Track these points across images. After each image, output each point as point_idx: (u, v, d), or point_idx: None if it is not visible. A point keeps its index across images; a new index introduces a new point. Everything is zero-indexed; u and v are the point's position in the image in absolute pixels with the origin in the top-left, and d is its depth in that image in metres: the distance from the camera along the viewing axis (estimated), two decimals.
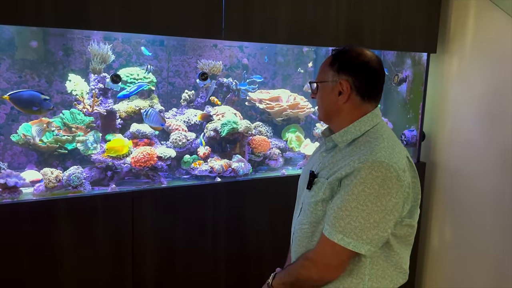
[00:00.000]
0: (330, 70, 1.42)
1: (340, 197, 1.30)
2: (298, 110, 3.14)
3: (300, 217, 1.49)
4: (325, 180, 1.37)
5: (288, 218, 2.90)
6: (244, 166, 2.78)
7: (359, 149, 1.35)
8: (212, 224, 2.58)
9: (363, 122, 1.40)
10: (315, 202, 1.39)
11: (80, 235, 2.23)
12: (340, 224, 1.29)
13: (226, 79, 3.10)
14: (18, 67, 2.73)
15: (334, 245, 1.30)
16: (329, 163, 1.42)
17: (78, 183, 2.35)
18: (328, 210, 1.34)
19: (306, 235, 1.44)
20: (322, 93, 1.46)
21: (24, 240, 2.11)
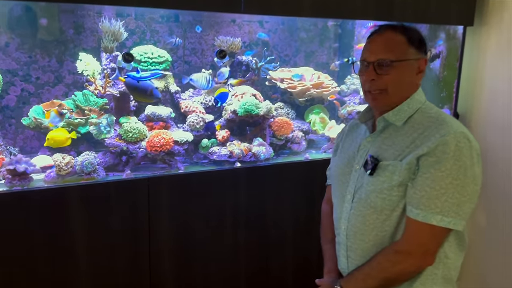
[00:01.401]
0: (410, 48, 1.35)
1: (430, 176, 1.23)
2: (323, 89, 2.94)
3: (358, 209, 1.39)
4: (398, 162, 1.29)
5: (313, 205, 2.81)
6: (266, 150, 2.62)
7: (423, 125, 1.30)
8: (232, 212, 2.45)
9: (415, 100, 1.38)
10: (388, 188, 1.30)
11: (94, 224, 2.12)
12: (437, 205, 1.23)
13: (245, 56, 2.91)
14: (28, 46, 2.60)
15: (432, 228, 1.24)
16: (387, 145, 1.35)
17: (92, 170, 2.23)
18: (414, 193, 1.26)
19: (373, 226, 1.35)
20: (400, 73, 1.34)
21: (35, 230, 2.01)
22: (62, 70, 2.70)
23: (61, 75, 2.71)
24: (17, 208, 1.96)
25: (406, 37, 1.34)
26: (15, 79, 2.59)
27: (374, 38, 1.38)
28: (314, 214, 2.64)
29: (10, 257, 1.98)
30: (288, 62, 3.26)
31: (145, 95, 2.36)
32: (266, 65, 2.90)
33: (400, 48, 1.33)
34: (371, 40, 1.38)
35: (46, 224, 2.03)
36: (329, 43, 3.32)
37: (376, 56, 1.33)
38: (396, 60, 1.32)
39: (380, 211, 1.32)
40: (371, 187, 1.34)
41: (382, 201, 1.31)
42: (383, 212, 1.32)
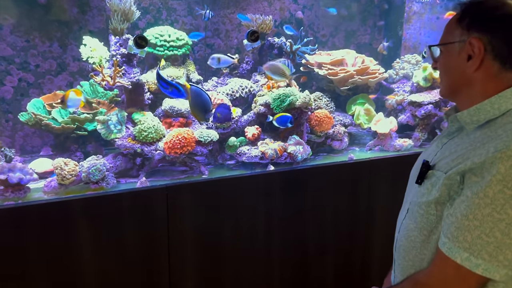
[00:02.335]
0: (457, 28, 1.11)
1: (466, 200, 1.00)
2: (368, 76, 2.50)
3: (406, 220, 1.21)
4: (442, 174, 1.07)
5: (358, 214, 2.44)
6: (303, 150, 2.22)
7: (496, 133, 1.03)
8: (265, 224, 2.09)
9: (505, 98, 1.07)
10: (426, 203, 1.11)
11: (103, 243, 1.78)
12: (466, 238, 0.99)
13: (277, 38, 2.48)
14: (25, 28, 2.22)
15: (457, 267, 1.00)
16: (450, 151, 1.11)
17: (100, 177, 1.86)
18: (447, 217, 1.04)
19: (414, 245, 1.16)
20: (446, 59, 1.15)
21: (33, 253, 1.66)
22: (66, 56, 2.34)
23: (65, 62, 2.35)
24: (10, 227, 1.61)
25: (460, 15, 1.12)
26: (11, 67, 2.24)
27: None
28: (358, 224, 2.26)
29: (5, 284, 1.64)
30: (326, 43, 2.82)
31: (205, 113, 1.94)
32: (303, 48, 2.47)
33: (447, 29, 1.16)
34: None
35: (46, 246, 1.68)
36: (373, 20, 2.86)
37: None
38: (439, 44, 1.16)
39: (420, 229, 1.14)
40: (415, 198, 1.17)
41: (421, 217, 1.14)
42: (422, 231, 1.14)
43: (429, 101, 2.53)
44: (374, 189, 2.29)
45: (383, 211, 2.32)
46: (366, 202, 2.29)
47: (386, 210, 2.30)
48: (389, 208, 2.26)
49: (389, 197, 2.29)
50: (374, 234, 2.32)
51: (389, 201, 2.29)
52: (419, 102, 2.53)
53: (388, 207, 2.27)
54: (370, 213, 2.31)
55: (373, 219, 2.31)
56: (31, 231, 1.66)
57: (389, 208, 2.25)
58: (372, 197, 2.30)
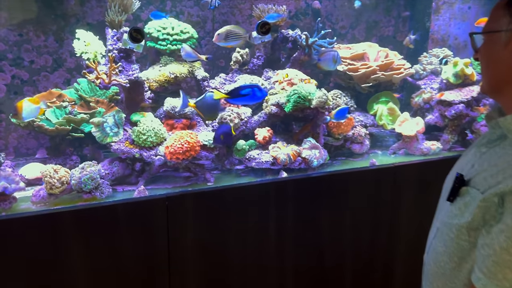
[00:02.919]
0: (505, 15, 0.97)
1: (506, 229, 0.85)
2: (392, 72, 2.27)
3: (435, 241, 1.07)
4: (479, 193, 0.92)
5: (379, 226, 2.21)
6: (319, 154, 2.01)
7: None
8: (277, 237, 1.89)
9: None
10: (458, 226, 0.96)
11: (96, 260, 1.60)
12: (506, 276, 0.86)
13: (291, 31, 2.26)
14: (18, 22, 2.05)
15: None
16: (490, 164, 0.96)
17: (93, 186, 1.68)
18: (482, 247, 0.90)
19: (443, 271, 1.02)
20: (490, 50, 1.01)
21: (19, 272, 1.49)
22: (62, 51, 2.18)
23: (61, 57, 2.19)
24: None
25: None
26: (3, 63, 2.11)
27: None
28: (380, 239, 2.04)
29: None
30: (345, 36, 2.58)
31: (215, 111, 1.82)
32: (320, 41, 2.24)
33: (492, 16, 1.01)
34: None
35: (33, 265, 1.51)
36: (397, 10, 2.60)
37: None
38: (483, 32, 1.02)
39: (450, 255, 1.01)
40: (445, 217, 1.03)
41: (451, 241, 1.00)
42: (452, 257, 1.00)
43: (460, 100, 2.28)
44: (398, 198, 2.06)
45: (409, 225, 2.09)
46: (389, 214, 2.06)
47: (411, 224, 2.07)
48: (414, 221, 2.04)
49: (415, 208, 2.06)
50: (398, 250, 2.10)
51: (414, 213, 2.06)
52: (449, 101, 2.28)
53: (414, 220, 2.05)
54: (394, 225, 2.08)
55: (397, 233, 2.08)
56: (15, 248, 1.49)
57: (414, 222, 2.03)
58: (396, 208, 2.07)
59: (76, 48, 1.84)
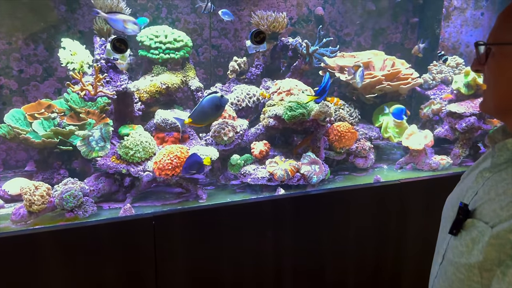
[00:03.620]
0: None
1: None
2: (400, 82, 2.14)
3: (438, 280, 0.97)
4: (488, 227, 0.82)
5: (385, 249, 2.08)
6: (319, 170, 1.89)
7: None
8: (274, 260, 1.76)
9: None
10: (466, 266, 0.85)
11: (77, 286, 1.49)
12: None
13: (292, 38, 2.15)
14: (6, 29, 1.99)
15: None
16: (497, 193, 0.85)
17: (75, 204, 1.58)
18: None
19: None
20: (500, 63, 0.89)
21: None
22: (53, 60, 2.11)
23: (52, 66, 2.13)
24: None
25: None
26: None
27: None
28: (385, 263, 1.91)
29: None
30: (349, 43, 2.46)
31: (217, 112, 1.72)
32: (321, 50, 2.12)
33: (502, 24, 0.91)
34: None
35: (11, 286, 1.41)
36: (406, 16, 2.47)
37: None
38: (492, 44, 0.91)
39: None
40: (450, 254, 0.93)
41: (460, 283, 0.89)
42: None
43: (472, 112, 2.14)
44: (404, 218, 1.93)
45: (415, 246, 1.95)
46: (395, 234, 1.93)
47: (419, 245, 1.93)
48: (422, 242, 1.90)
49: (422, 230, 1.92)
50: (404, 274, 1.96)
51: (421, 234, 1.92)
52: (460, 113, 2.14)
53: (422, 241, 1.91)
54: (400, 246, 1.95)
55: (404, 256, 1.94)
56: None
57: (422, 243, 1.89)
58: (402, 227, 1.94)
59: (62, 58, 1.75)
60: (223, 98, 1.67)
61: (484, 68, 0.96)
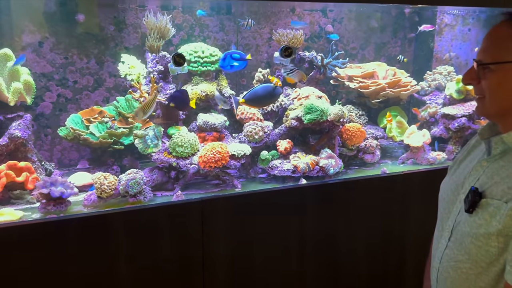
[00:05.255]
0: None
1: None
2: (400, 88, 2.49)
3: (452, 251, 1.13)
4: (503, 203, 1.00)
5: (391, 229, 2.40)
6: (335, 163, 2.21)
7: None
8: (298, 237, 2.10)
9: None
10: (485, 235, 1.02)
11: (141, 257, 1.80)
12: None
13: (308, 52, 2.50)
14: (64, 46, 2.30)
15: None
16: (501, 177, 1.04)
17: (138, 191, 1.90)
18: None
19: (466, 277, 1.08)
20: (499, 78, 1.05)
21: (74, 267, 1.70)
22: (102, 72, 2.40)
23: (101, 78, 2.41)
24: (52, 240, 1.66)
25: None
26: (50, 83, 2.32)
27: (488, 32, 1.11)
28: (392, 240, 2.23)
29: None
30: (355, 56, 2.82)
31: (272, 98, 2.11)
32: (334, 62, 2.48)
33: (500, 46, 1.05)
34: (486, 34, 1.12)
35: (85, 259, 1.71)
36: (404, 32, 2.85)
37: (478, 56, 1.09)
38: (492, 63, 1.05)
39: (475, 262, 1.06)
40: (467, 228, 1.08)
41: (478, 249, 1.05)
42: (479, 263, 1.05)
43: (462, 114, 2.49)
44: (407, 202, 2.26)
45: (417, 224, 2.29)
46: (399, 215, 2.26)
47: (420, 223, 2.26)
48: (423, 221, 2.23)
49: (422, 210, 2.26)
50: (409, 247, 2.29)
51: (421, 214, 2.26)
52: (452, 115, 2.50)
53: (422, 220, 2.24)
54: (404, 225, 2.28)
55: (408, 231, 2.28)
56: (72, 244, 1.70)
57: (423, 221, 2.22)
58: (405, 210, 2.27)
59: (121, 70, 2.07)
60: (277, 89, 2.04)
61: (476, 82, 1.10)
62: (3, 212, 1.77)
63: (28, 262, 1.62)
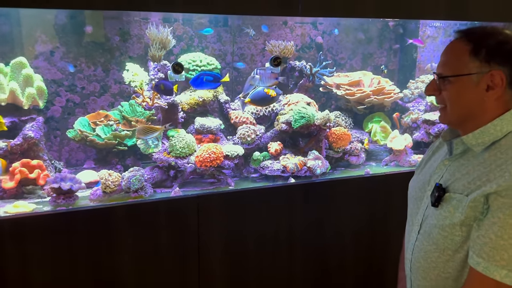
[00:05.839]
0: (473, 60, 1.13)
1: (498, 221, 1.05)
2: (384, 96, 2.68)
3: (422, 243, 1.24)
4: (464, 196, 1.12)
5: (374, 226, 2.57)
6: (322, 164, 2.39)
7: (507, 154, 1.10)
8: (287, 232, 2.26)
9: (506, 121, 1.14)
10: (450, 225, 1.14)
11: (142, 246, 1.99)
12: (503, 257, 1.04)
13: (298, 62, 2.69)
14: (73, 55, 2.50)
15: (496, 284, 1.05)
16: (461, 173, 1.17)
17: (139, 187, 2.09)
18: (478, 238, 1.09)
19: (436, 265, 1.20)
20: (458, 89, 1.17)
21: (81, 254, 1.89)
22: (108, 79, 2.60)
23: (107, 84, 2.60)
24: (61, 230, 1.85)
25: (471, 46, 1.14)
26: (60, 89, 2.51)
27: (445, 47, 1.22)
28: (375, 235, 2.41)
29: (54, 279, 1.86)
30: (344, 65, 3.02)
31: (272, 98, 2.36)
32: (322, 71, 2.67)
33: (457, 61, 1.16)
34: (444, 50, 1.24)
35: (92, 248, 1.90)
36: (389, 44, 3.05)
37: (437, 69, 1.21)
38: (450, 76, 1.16)
39: (443, 250, 1.17)
40: (434, 221, 1.19)
41: (444, 239, 1.16)
42: (446, 252, 1.17)
43: None
44: (389, 201, 2.43)
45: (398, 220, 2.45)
46: (382, 215, 2.44)
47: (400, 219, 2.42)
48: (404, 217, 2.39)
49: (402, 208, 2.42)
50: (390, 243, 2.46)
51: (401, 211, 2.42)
52: (433, 121, 2.68)
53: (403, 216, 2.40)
54: (386, 221, 2.45)
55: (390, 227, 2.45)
56: (79, 234, 1.88)
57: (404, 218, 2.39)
58: (387, 208, 2.44)
59: (125, 78, 2.27)
60: (276, 90, 2.30)
61: (438, 93, 1.21)
62: (17, 204, 1.96)
63: (39, 248, 1.81)
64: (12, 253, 1.78)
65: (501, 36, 1.13)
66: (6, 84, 2.17)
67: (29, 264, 1.80)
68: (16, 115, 2.20)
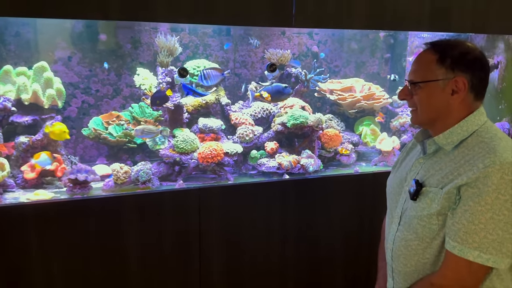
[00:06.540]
0: (440, 67, 1.28)
1: (469, 209, 1.18)
2: (374, 101, 2.89)
3: (402, 233, 1.37)
4: (439, 189, 1.25)
5: (363, 219, 2.76)
6: (314, 162, 2.61)
7: (473, 151, 1.23)
8: (280, 224, 2.46)
9: (470, 122, 1.29)
10: (428, 216, 1.27)
11: (147, 232, 2.20)
12: (474, 240, 1.16)
13: (294, 69, 2.92)
14: (88, 60, 2.74)
15: (469, 264, 1.18)
16: (435, 170, 1.30)
17: (147, 179, 2.31)
18: (452, 225, 1.21)
19: (415, 252, 1.32)
20: (427, 94, 1.31)
21: (93, 237, 2.11)
22: (120, 83, 2.83)
23: (119, 87, 2.84)
24: (76, 217, 2.07)
25: (437, 56, 1.28)
26: (76, 91, 2.74)
27: (415, 57, 1.37)
28: (363, 228, 2.60)
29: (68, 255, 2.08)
30: (338, 73, 3.24)
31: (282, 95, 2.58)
32: (316, 77, 2.90)
33: (426, 68, 1.30)
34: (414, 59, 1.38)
35: (103, 234, 2.11)
36: (380, 53, 3.27)
37: (409, 76, 1.35)
38: (420, 82, 1.30)
39: (421, 239, 1.30)
40: (413, 212, 1.32)
41: (422, 228, 1.29)
42: (424, 239, 1.29)
43: None
44: (376, 197, 2.62)
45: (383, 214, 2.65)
46: (369, 209, 2.63)
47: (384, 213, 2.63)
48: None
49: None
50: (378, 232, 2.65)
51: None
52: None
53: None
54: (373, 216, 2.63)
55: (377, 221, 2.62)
56: (93, 220, 2.10)
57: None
58: (375, 203, 2.62)
59: (136, 81, 2.51)
60: (287, 89, 2.51)
61: (409, 97, 1.33)
62: (38, 192, 2.19)
63: (56, 229, 2.03)
64: (33, 233, 2.00)
65: (463, 47, 1.28)
66: (29, 85, 2.42)
67: (47, 243, 2.03)
68: (37, 113, 2.44)
